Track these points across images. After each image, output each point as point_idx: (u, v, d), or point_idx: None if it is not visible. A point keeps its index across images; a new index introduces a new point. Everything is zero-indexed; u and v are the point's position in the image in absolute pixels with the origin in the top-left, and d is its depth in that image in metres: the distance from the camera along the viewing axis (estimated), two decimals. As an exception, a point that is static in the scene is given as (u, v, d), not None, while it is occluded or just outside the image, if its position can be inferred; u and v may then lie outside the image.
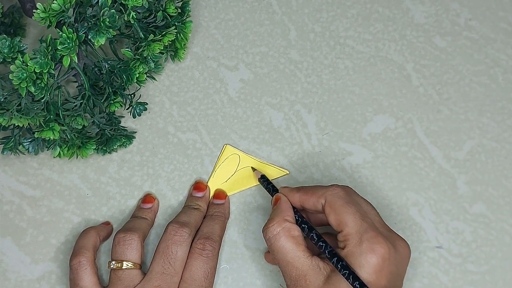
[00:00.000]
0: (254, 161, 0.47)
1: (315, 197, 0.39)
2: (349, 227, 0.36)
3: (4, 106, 0.38)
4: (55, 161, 0.47)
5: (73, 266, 0.41)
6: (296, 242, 0.38)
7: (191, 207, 0.45)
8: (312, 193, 0.39)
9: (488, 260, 0.45)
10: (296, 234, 0.38)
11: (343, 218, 0.36)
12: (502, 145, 0.48)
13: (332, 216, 0.37)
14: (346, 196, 0.38)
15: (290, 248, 0.37)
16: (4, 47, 0.36)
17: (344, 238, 0.36)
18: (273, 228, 0.38)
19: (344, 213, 0.37)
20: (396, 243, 0.36)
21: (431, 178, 0.47)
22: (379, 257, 0.34)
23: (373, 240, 0.35)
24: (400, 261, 0.36)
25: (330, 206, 0.38)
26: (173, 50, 0.47)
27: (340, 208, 0.37)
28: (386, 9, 0.51)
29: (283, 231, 0.38)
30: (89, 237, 0.43)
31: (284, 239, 0.38)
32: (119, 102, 0.44)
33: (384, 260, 0.35)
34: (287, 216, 0.39)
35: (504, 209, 0.46)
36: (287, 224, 0.38)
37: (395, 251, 0.35)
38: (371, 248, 0.35)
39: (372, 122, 0.48)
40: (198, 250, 0.41)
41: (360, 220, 0.36)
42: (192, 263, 0.41)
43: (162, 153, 0.48)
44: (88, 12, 0.39)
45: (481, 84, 0.49)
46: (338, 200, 0.37)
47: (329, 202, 0.38)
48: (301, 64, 0.50)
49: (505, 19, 0.50)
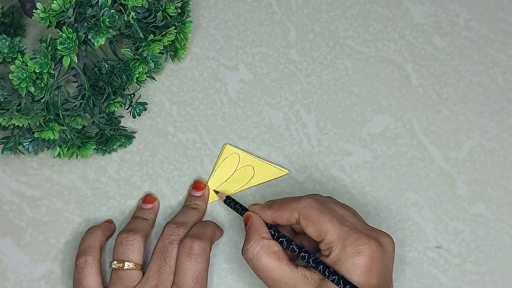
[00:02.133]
0: (254, 159, 0.47)
1: (288, 212, 0.38)
2: (330, 235, 0.36)
3: (4, 106, 0.38)
4: (55, 161, 0.47)
5: (79, 265, 0.41)
6: (278, 257, 0.37)
7: (189, 206, 0.45)
8: (284, 209, 0.39)
9: (487, 260, 0.45)
10: (276, 249, 0.38)
11: (322, 227, 0.36)
12: (501, 145, 0.48)
13: (310, 227, 0.37)
14: (319, 205, 0.37)
15: (273, 264, 0.37)
16: (4, 47, 0.36)
17: (327, 246, 0.36)
18: (252, 248, 0.38)
19: (321, 222, 0.36)
20: (379, 240, 0.36)
21: (431, 178, 0.47)
22: (366, 258, 0.34)
23: (357, 242, 0.35)
24: (387, 257, 0.36)
25: (306, 219, 0.37)
26: (173, 50, 0.47)
27: (316, 218, 0.37)
28: (385, 10, 0.51)
29: (262, 250, 0.38)
30: (96, 237, 0.43)
31: (265, 257, 0.37)
32: (119, 102, 0.44)
33: (371, 260, 0.34)
34: (263, 233, 0.39)
35: (503, 209, 0.46)
36: (265, 242, 0.38)
37: (380, 248, 0.35)
38: (356, 250, 0.35)
39: (372, 122, 0.48)
40: (186, 250, 0.40)
41: (339, 225, 0.36)
42: (180, 266, 0.40)
43: (161, 153, 0.48)
44: (88, 12, 0.39)
45: (481, 84, 0.49)
46: (312, 211, 0.37)
47: (303, 214, 0.37)
48: (301, 64, 0.50)
49: (504, 20, 0.51)
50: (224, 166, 0.47)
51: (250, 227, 0.40)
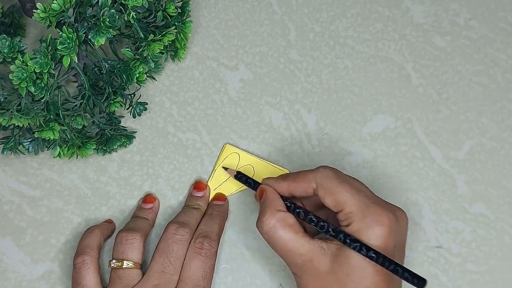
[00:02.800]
0: (254, 159, 0.47)
1: (305, 182, 0.38)
2: (349, 205, 0.36)
3: (4, 106, 0.38)
4: (55, 161, 0.47)
5: (77, 265, 0.41)
6: (294, 229, 0.37)
7: (191, 206, 0.45)
8: (301, 179, 0.39)
9: (487, 259, 0.45)
10: (292, 222, 0.38)
11: (341, 197, 0.36)
12: (501, 144, 0.48)
13: (329, 197, 0.37)
14: (336, 176, 0.38)
15: (290, 237, 0.37)
16: (4, 47, 0.36)
17: (346, 216, 0.36)
18: (268, 221, 0.38)
19: (340, 192, 0.37)
20: (395, 213, 0.37)
21: (431, 177, 0.47)
22: (385, 227, 0.35)
23: (376, 212, 0.35)
24: (402, 229, 0.37)
25: (323, 189, 0.37)
26: (173, 50, 0.47)
27: (335, 188, 0.37)
28: (385, 9, 0.51)
29: (278, 222, 0.37)
30: (94, 236, 0.43)
31: (281, 230, 0.37)
32: (119, 102, 0.44)
33: (390, 230, 0.35)
34: (279, 206, 0.38)
35: (503, 209, 0.46)
36: (281, 214, 0.38)
37: (396, 220, 0.36)
38: (376, 220, 0.35)
39: (372, 121, 0.48)
40: (197, 249, 0.41)
41: (357, 196, 0.36)
42: (190, 263, 0.41)
43: (162, 153, 0.48)
44: (88, 12, 0.39)
45: (481, 84, 0.49)
46: (330, 181, 0.37)
47: (321, 184, 0.37)
48: (301, 64, 0.50)
49: (504, 19, 0.51)
50: (224, 165, 0.47)
51: (264, 200, 0.39)
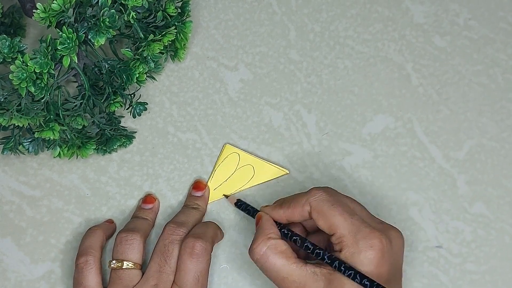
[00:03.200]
0: (254, 159, 0.47)
1: (299, 207, 0.38)
2: (341, 229, 0.36)
3: (4, 106, 0.38)
4: (55, 161, 0.47)
5: (79, 265, 0.41)
6: (286, 256, 0.37)
7: (189, 206, 0.45)
8: (295, 205, 0.39)
9: (487, 259, 0.45)
10: (284, 248, 0.38)
11: (333, 221, 0.36)
12: (501, 144, 0.48)
13: (321, 220, 0.37)
14: (329, 198, 0.38)
15: (282, 263, 0.37)
16: (4, 47, 0.36)
17: (339, 240, 0.36)
18: (259, 248, 0.38)
19: (332, 216, 0.37)
20: (389, 234, 0.36)
21: (431, 177, 0.47)
22: (378, 251, 0.35)
23: (368, 236, 0.35)
24: (397, 251, 0.37)
25: (317, 212, 0.37)
26: (173, 50, 0.47)
27: (327, 211, 0.37)
28: (385, 9, 0.51)
29: (269, 249, 0.37)
30: (97, 237, 0.43)
31: (272, 257, 0.37)
32: (119, 102, 0.44)
33: (382, 253, 0.35)
34: (270, 234, 0.38)
35: (503, 209, 0.46)
36: (272, 242, 0.38)
37: (390, 242, 0.36)
38: (368, 244, 0.35)
39: (372, 122, 0.48)
40: (188, 250, 0.40)
41: (350, 219, 0.36)
42: (181, 265, 0.40)
43: (162, 153, 0.48)
44: (88, 12, 0.39)
45: (481, 84, 0.49)
46: (323, 203, 0.37)
47: (314, 207, 0.38)
48: (301, 64, 0.50)
49: (504, 19, 0.50)
50: (224, 165, 0.47)
51: (259, 227, 0.40)
